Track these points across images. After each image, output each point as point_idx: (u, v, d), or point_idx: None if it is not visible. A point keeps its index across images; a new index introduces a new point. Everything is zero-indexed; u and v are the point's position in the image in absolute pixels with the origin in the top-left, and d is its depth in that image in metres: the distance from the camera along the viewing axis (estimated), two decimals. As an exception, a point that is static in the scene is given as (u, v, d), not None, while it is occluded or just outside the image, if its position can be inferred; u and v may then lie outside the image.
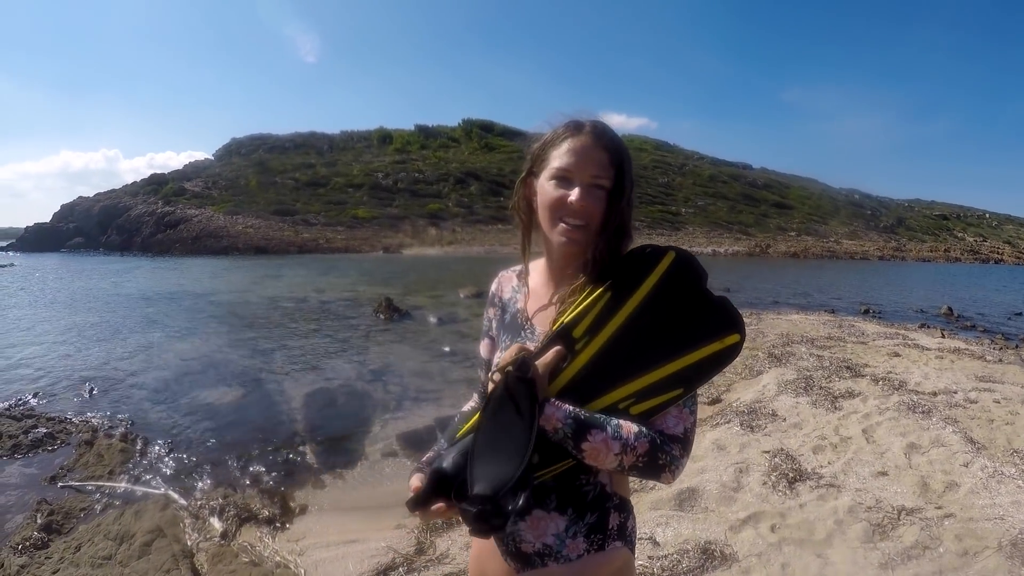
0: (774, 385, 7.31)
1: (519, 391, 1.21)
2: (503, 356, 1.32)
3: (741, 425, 5.89)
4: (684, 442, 1.29)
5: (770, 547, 3.64)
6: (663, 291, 1.29)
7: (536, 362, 1.28)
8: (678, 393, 1.26)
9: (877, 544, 3.67)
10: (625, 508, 1.42)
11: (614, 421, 1.25)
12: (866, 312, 17.16)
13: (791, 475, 4.63)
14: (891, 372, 7.80)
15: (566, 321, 1.33)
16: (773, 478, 4.60)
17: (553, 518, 1.38)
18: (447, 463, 1.29)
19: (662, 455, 1.24)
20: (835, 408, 6.31)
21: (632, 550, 1.43)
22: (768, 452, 5.11)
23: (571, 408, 1.25)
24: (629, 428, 1.24)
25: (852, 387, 7.02)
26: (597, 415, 1.26)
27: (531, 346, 1.38)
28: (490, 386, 1.28)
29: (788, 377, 7.61)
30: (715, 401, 7.26)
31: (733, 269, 38.76)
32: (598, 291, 1.32)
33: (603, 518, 1.39)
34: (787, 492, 4.38)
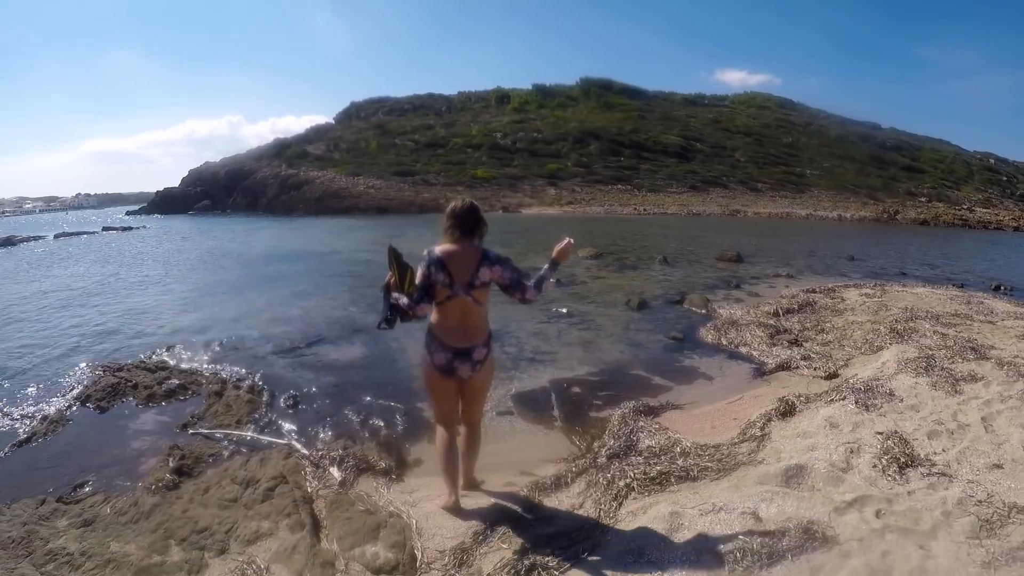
0: (894, 363, 7.01)
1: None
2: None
3: (856, 403, 5.72)
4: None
5: (873, 533, 3.54)
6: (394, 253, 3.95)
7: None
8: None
9: (983, 541, 3.45)
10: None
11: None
12: (997, 288, 16.02)
13: (903, 460, 4.45)
14: (1018, 356, 7.15)
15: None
16: (884, 461, 4.44)
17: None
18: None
19: None
20: (955, 392, 5.99)
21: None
22: (881, 434, 4.94)
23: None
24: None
25: (975, 370, 6.60)
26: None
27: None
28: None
29: (909, 355, 7.24)
30: (832, 376, 7.07)
31: (859, 236, 36.78)
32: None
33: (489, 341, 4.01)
34: (896, 477, 4.23)
